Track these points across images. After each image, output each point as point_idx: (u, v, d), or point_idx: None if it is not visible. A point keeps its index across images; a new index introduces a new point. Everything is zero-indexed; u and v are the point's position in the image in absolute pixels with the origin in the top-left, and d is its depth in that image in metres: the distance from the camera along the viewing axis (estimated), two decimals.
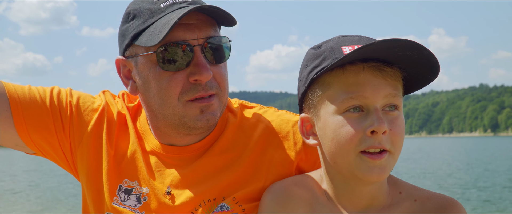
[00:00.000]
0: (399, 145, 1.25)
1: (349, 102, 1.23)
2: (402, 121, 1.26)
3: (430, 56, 1.20)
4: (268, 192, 1.44)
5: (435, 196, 1.35)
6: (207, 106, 1.41)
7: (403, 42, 1.17)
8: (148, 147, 1.54)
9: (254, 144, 1.52)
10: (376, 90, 1.22)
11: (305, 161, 1.53)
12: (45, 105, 1.50)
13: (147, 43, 1.34)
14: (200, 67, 1.36)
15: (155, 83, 1.39)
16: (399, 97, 1.26)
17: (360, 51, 1.18)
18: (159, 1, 1.40)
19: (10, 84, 1.50)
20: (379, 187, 1.33)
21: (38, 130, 1.49)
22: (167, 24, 1.31)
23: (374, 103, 1.22)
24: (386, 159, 1.22)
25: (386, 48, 1.19)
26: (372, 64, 1.22)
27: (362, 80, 1.22)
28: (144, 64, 1.40)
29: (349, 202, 1.34)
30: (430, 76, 1.27)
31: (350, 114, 1.23)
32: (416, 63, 1.23)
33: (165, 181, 1.49)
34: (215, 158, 1.50)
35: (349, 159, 1.24)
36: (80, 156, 1.53)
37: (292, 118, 1.59)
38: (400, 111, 1.26)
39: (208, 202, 1.46)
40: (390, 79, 1.24)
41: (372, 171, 1.22)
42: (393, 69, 1.24)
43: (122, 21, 1.45)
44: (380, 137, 1.20)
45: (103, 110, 1.57)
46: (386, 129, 1.20)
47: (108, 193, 1.50)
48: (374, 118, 1.20)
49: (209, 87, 1.40)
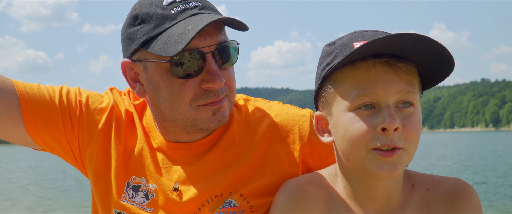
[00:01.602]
0: (414, 141, 1.22)
1: (360, 100, 1.21)
2: (418, 117, 1.23)
3: (442, 49, 1.17)
4: (282, 189, 1.41)
5: (446, 180, 1.36)
6: (218, 108, 1.42)
7: (411, 36, 1.14)
8: (154, 144, 1.55)
9: (260, 138, 1.53)
10: (387, 86, 1.20)
11: (310, 155, 1.54)
12: (54, 104, 1.51)
13: (161, 52, 1.33)
14: (213, 75, 1.37)
15: (167, 90, 1.40)
16: (414, 94, 1.22)
17: (367, 47, 1.16)
18: (169, 6, 1.38)
19: (20, 82, 1.51)
20: (394, 184, 1.32)
21: (47, 128, 1.51)
22: (183, 36, 1.31)
23: (386, 100, 1.20)
24: (398, 156, 1.20)
25: (395, 43, 1.16)
26: (384, 60, 1.20)
27: (373, 77, 1.20)
28: (155, 70, 1.40)
29: (365, 200, 1.32)
30: (445, 70, 1.24)
31: (361, 111, 1.22)
32: (429, 57, 1.20)
33: (172, 178, 1.50)
34: (221, 154, 1.51)
35: (361, 156, 1.22)
36: (89, 154, 1.55)
37: (297, 111, 1.59)
38: (415, 107, 1.23)
39: (215, 198, 1.47)
40: (403, 75, 1.21)
41: (383, 168, 1.20)
42: (406, 65, 1.21)
43: (128, 24, 1.43)
44: (392, 135, 1.18)
45: (112, 108, 1.58)
46: (398, 125, 1.18)
47: (116, 190, 1.51)
48: (385, 114, 1.18)
49: (220, 92, 1.41)
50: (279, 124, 1.55)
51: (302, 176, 1.45)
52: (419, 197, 1.34)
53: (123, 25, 1.46)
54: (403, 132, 1.20)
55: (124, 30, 1.45)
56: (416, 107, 1.23)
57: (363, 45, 1.16)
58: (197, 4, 1.40)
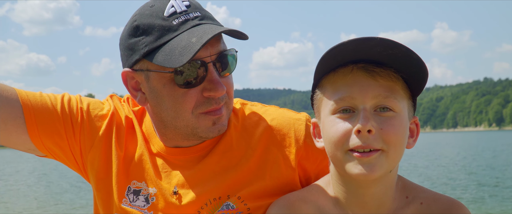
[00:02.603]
0: (394, 143, 1.23)
1: (339, 104, 1.25)
2: (399, 121, 1.24)
3: (410, 53, 1.19)
4: (274, 205, 1.45)
5: (441, 198, 1.36)
6: (218, 118, 1.46)
7: (374, 40, 1.17)
8: (154, 149, 1.58)
9: (257, 142, 1.56)
10: (364, 90, 1.23)
11: (306, 158, 1.56)
12: (56, 112, 1.54)
13: (165, 63, 1.35)
14: (215, 84, 1.41)
15: (169, 98, 1.43)
16: (393, 99, 1.24)
17: (335, 52, 1.21)
18: (171, 17, 1.40)
19: (22, 91, 1.54)
20: (384, 191, 1.32)
21: (50, 135, 1.54)
22: (188, 49, 1.34)
23: (363, 103, 1.23)
24: (375, 157, 1.21)
25: (368, 47, 1.19)
26: (361, 65, 1.23)
27: (350, 82, 1.24)
28: (157, 80, 1.42)
29: (355, 208, 1.34)
30: (421, 74, 1.25)
31: (341, 115, 1.25)
32: (402, 62, 1.22)
33: (171, 182, 1.53)
34: (219, 158, 1.54)
35: (339, 157, 1.26)
36: (90, 160, 1.58)
37: (293, 115, 1.62)
38: (397, 112, 1.24)
39: (214, 201, 1.50)
40: (382, 80, 1.23)
41: (361, 169, 1.22)
42: (384, 70, 1.23)
43: (129, 34, 1.45)
44: (365, 136, 1.20)
45: (113, 115, 1.61)
46: (371, 127, 1.20)
47: (117, 195, 1.54)
48: (360, 117, 1.21)
49: (221, 99, 1.45)
50: (275, 127, 1.58)
51: (293, 193, 1.47)
52: (412, 209, 1.35)
53: (122, 35, 1.48)
54: (380, 133, 1.21)
55: (123, 40, 1.47)
56: (398, 112, 1.25)
57: (329, 50, 1.20)
58: (197, 15, 1.43)
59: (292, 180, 1.54)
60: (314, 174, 1.58)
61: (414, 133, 1.36)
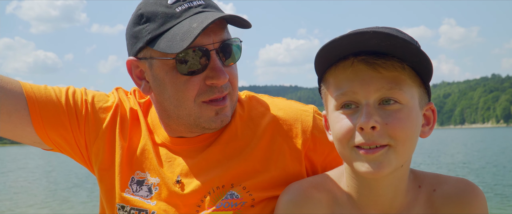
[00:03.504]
0: (402, 138, 1.18)
1: (341, 99, 1.22)
2: (406, 113, 1.19)
3: (407, 43, 1.13)
4: (285, 192, 1.41)
5: (452, 181, 1.33)
6: (221, 109, 1.46)
7: (368, 34, 1.12)
8: (158, 140, 1.59)
9: (262, 132, 1.55)
10: (365, 84, 1.18)
11: (313, 150, 1.55)
12: (61, 104, 1.55)
13: (167, 49, 1.36)
14: (217, 72, 1.40)
15: (172, 86, 1.43)
16: (398, 90, 1.17)
17: (330, 47, 1.17)
18: (174, 5, 1.41)
19: (27, 84, 1.55)
20: (397, 184, 1.29)
21: (55, 127, 1.55)
22: (188, 34, 1.34)
23: (365, 98, 1.18)
24: (382, 154, 1.17)
25: (364, 40, 1.14)
26: (361, 57, 1.18)
27: (351, 76, 1.19)
28: (160, 67, 1.43)
29: (368, 201, 1.31)
30: (424, 63, 1.18)
31: (344, 110, 1.22)
32: (404, 51, 1.16)
33: (175, 171, 1.54)
34: (223, 147, 1.53)
35: (346, 154, 1.23)
36: (95, 151, 1.59)
37: (300, 107, 1.61)
38: (404, 104, 1.19)
39: (217, 189, 1.49)
40: (385, 71, 1.17)
41: (368, 166, 1.18)
42: (387, 61, 1.17)
43: (134, 22, 1.46)
44: (369, 133, 1.16)
45: (117, 107, 1.62)
46: (374, 124, 1.15)
47: (120, 185, 1.55)
48: (363, 113, 1.17)
49: (224, 88, 1.44)
50: (282, 118, 1.57)
51: (306, 179, 1.44)
52: (424, 198, 1.32)
53: (128, 24, 1.50)
54: (386, 129, 1.17)
55: (129, 29, 1.49)
56: (405, 104, 1.19)
57: (322, 47, 1.17)
58: (200, 3, 1.43)
59: (299, 172, 1.53)
60: (322, 167, 1.57)
61: (431, 120, 1.29)
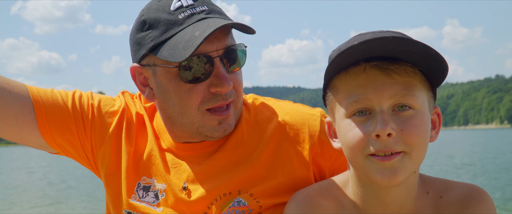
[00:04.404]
0: (416, 144, 1.16)
1: (354, 106, 1.18)
2: (421, 119, 1.17)
3: (427, 49, 1.11)
4: (292, 200, 1.40)
5: (460, 186, 1.31)
6: (224, 118, 1.43)
7: (386, 39, 1.09)
8: (164, 145, 1.57)
9: (269, 137, 1.52)
10: (379, 91, 1.15)
11: (321, 155, 1.52)
12: (67, 108, 1.54)
13: (169, 58, 1.34)
14: (221, 79, 1.38)
15: (175, 94, 1.41)
16: (411, 96, 1.16)
17: (344, 55, 1.14)
18: (177, 11, 1.39)
19: (33, 87, 1.54)
20: (406, 192, 1.26)
21: (61, 131, 1.54)
22: (191, 42, 1.32)
23: (379, 104, 1.16)
24: (398, 160, 1.15)
25: (379, 46, 1.12)
26: (374, 63, 1.15)
27: (364, 82, 1.17)
28: (164, 75, 1.41)
29: (376, 208, 1.28)
30: (441, 68, 1.17)
31: (356, 117, 1.19)
32: (420, 57, 1.14)
33: (181, 177, 1.52)
34: (230, 153, 1.51)
35: (360, 162, 1.19)
36: (101, 156, 1.58)
37: (308, 110, 1.58)
38: (417, 109, 1.17)
39: (224, 196, 1.47)
40: (398, 77, 1.15)
41: (383, 174, 1.15)
42: (400, 66, 1.15)
43: (137, 29, 1.45)
44: (386, 140, 1.14)
45: (123, 111, 1.60)
46: (390, 131, 1.13)
47: (126, 191, 1.54)
48: (378, 120, 1.14)
49: (228, 96, 1.42)
50: (289, 122, 1.54)
51: (312, 186, 1.42)
52: (432, 204, 1.30)
53: (132, 30, 1.48)
54: (401, 135, 1.15)
55: (132, 35, 1.47)
56: (418, 109, 1.17)
57: (340, 52, 1.14)
58: (204, 9, 1.41)
59: (306, 177, 1.51)
60: (330, 172, 1.55)
61: (436, 124, 1.28)
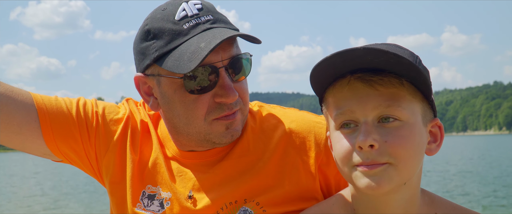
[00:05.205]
0: (402, 156, 1.14)
1: (340, 119, 1.19)
2: (408, 129, 1.15)
3: (399, 58, 1.08)
4: None
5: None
6: (231, 123, 1.42)
7: (358, 51, 1.09)
8: (169, 153, 1.56)
9: (275, 145, 1.51)
10: (363, 102, 1.15)
11: (326, 164, 1.51)
12: (71, 116, 1.53)
13: (174, 69, 1.33)
14: (227, 90, 1.37)
15: (181, 105, 1.40)
16: (396, 107, 1.14)
17: (319, 70, 1.15)
18: (181, 21, 1.38)
19: (37, 95, 1.53)
20: (405, 206, 1.25)
21: (65, 139, 1.53)
22: (196, 54, 1.31)
23: (364, 116, 1.16)
24: (381, 170, 1.14)
25: (357, 57, 1.11)
26: (357, 75, 1.15)
27: (348, 94, 1.18)
28: (168, 85, 1.40)
29: None
30: (418, 77, 1.13)
31: (344, 129, 1.19)
32: (400, 66, 1.11)
33: (187, 186, 1.51)
34: (235, 161, 1.50)
35: (347, 173, 1.20)
36: (106, 164, 1.57)
37: (314, 118, 1.57)
38: (404, 120, 1.15)
39: (230, 205, 1.46)
40: (382, 88, 1.14)
41: (367, 182, 1.15)
42: (383, 77, 1.14)
43: (141, 38, 1.43)
44: (368, 152, 1.14)
45: (128, 119, 1.59)
46: (372, 142, 1.13)
47: (131, 199, 1.53)
48: (361, 131, 1.15)
49: (234, 105, 1.41)
50: (295, 130, 1.53)
51: (312, 209, 1.42)
52: None
53: (135, 39, 1.47)
54: (385, 147, 1.13)
55: (136, 44, 1.46)
56: (406, 120, 1.15)
57: (314, 67, 1.15)
58: (209, 18, 1.40)
59: (312, 187, 1.49)
60: (335, 181, 1.53)
61: (437, 137, 1.25)
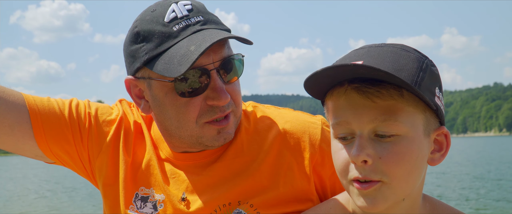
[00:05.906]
0: (396, 175, 1.07)
1: (336, 129, 1.14)
2: (406, 145, 1.07)
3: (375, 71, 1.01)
4: None
5: None
6: (223, 128, 1.41)
7: (348, 67, 1.03)
8: (162, 155, 1.55)
9: (269, 146, 1.50)
10: (358, 114, 1.08)
11: (321, 164, 1.49)
12: (64, 117, 1.52)
13: (164, 73, 1.31)
14: (218, 92, 1.35)
15: (172, 108, 1.39)
16: (393, 121, 1.06)
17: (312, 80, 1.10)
18: (171, 23, 1.35)
19: (30, 96, 1.51)
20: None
21: (57, 141, 1.51)
22: (186, 57, 1.28)
23: (360, 129, 1.09)
24: (375, 189, 1.07)
25: (349, 71, 1.05)
26: (355, 85, 1.07)
27: (344, 104, 1.10)
28: (159, 88, 1.39)
29: None
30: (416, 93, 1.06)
31: (341, 140, 1.13)
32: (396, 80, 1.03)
33: (180, 187, 1.49)
34: (229, 162, 1.49)
35: (345, 185, 1.15)
36: (98, 166, 1.55)
37: (308, 118, 1.56)
38: (402, 135, 1.07)
39: (223, 207, 1.45)
40: (379, 100, 1.06)
41: (363, 201, 1.09)
42: (381, 89, 1.05)
43: (130, 41, 1.41)
44: (362, 167, 1.08)
45: (121, 120, 1.58)
46: (365, 158, 1.06)
47: (124, 201, 1.51)
48: (355, 145, 1.08)
49: (226, 107, 1.39)
50: (289, 131, 1.51)
51: (307, 212, 1.38)
52: None
53: (125, 42, 1.45)
54: (379, 164, 1.07)
55: (126, 46, 1.44)
56: (404, 135, 1.07)
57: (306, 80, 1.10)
58: (199, 19, 1.38)
59: (307, 188, 1.48)
60: (330, 182, 1.51)
61: (443, 146, 1.18)
